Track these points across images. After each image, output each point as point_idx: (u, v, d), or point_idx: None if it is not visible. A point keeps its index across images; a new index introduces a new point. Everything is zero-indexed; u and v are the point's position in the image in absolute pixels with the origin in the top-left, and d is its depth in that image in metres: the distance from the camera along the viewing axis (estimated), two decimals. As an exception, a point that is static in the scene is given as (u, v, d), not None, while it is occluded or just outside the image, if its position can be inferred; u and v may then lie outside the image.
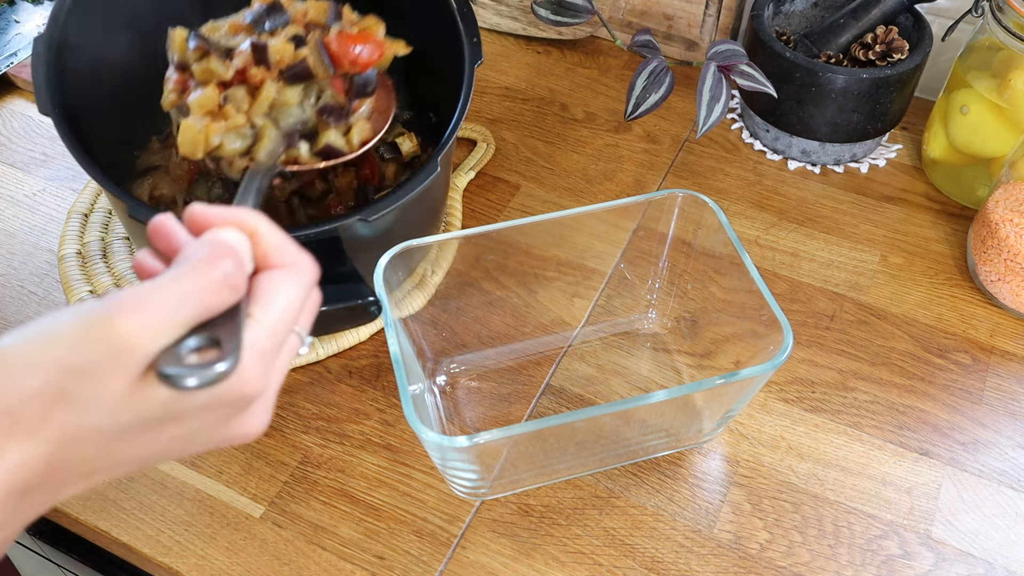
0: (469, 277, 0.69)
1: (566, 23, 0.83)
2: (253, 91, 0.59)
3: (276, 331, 0.38)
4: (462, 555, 0.62)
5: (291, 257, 0.40)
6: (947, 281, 0.79)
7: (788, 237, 0.82)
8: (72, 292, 0.75)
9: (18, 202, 0.84)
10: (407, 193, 0.63)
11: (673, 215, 0.69)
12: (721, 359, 0.68)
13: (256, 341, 0.37)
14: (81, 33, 0.68)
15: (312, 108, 0.60)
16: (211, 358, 0.35)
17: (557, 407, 0.69)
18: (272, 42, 0.58)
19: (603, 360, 0.72)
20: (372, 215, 0.61)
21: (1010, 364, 0.73)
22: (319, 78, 0.60)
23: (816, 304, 0.77)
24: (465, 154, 0.89)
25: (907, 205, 0.86)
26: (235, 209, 0.40)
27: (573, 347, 0.73)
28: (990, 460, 0.67)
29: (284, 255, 0.40)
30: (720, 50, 0.77)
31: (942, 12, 0.90)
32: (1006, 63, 0.78)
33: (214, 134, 0.58)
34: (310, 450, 0.67)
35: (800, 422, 0.69)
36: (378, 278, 0.61)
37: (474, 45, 0.70)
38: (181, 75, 0.60)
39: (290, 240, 0.41)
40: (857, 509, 0.64)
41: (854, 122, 0.84)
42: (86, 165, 0.62)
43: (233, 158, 0.58)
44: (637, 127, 0.93)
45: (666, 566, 0.61)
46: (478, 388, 0.70)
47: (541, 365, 0.72)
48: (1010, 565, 0.62)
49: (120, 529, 0.63)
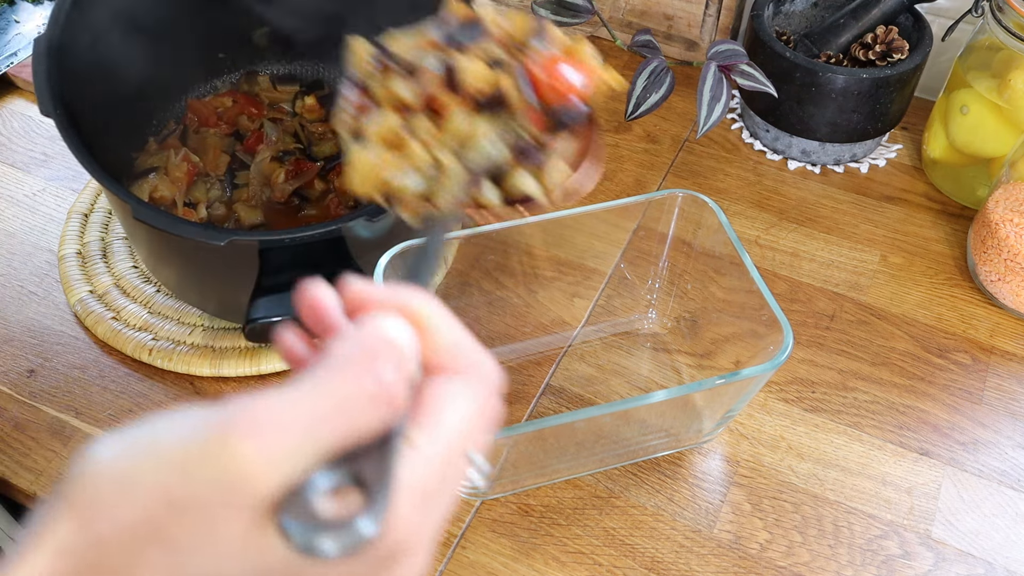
0: (469, 277, 0.69)
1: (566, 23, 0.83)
2: (437, 120, 0.47)
3: (444, 463, 0.29)
4: (462, 555, 0.62)
5: (468, 360, 0.30)
6: (947, 281, 0.79)
7: (788, 237, 0.82)
8: (72, 292, 0.75)
9: (18, 202, 0.84)
10: None
11: (673, 215, 0.69)
12: (721, 359, 0.68)
13: (417, 480, 0.28)
14: (80, 33, 0.68)
15: (505, 145, 0.47)
16: (353, 509, 0.26)
17: (557, 407, 0.69)
18: (466, 62, 0.47)
19: (603, 360, 0.72)
20: (376, 215, 0.61)
21: (1010, 364, 0.73)
22: (515, 108, 0.47)
23: (816, 304, 0.77)
24: (465, 154, 0.89)
25: (907, 205, 0.86)
26: (403, 291, 0.30)
27: (573, 347, 0.73)
28: (990, 460, 0.67)
29: (460, 357, 0.30)
30: (720, 50, 0.77)
31: (942, 12, 0.90)
32: (1006, 63, 0.78)
33: (391, 169, 0.47)
34: (310, 450, 0.67)
35: (800, 422, 0.69)
36: (378, 278, 0.61)
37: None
38: (361, 95, 0.49)
39: (468, 336, 0.31)
40: (857, 509, 0.64)
41: (854, 122, 0.84)
42: (90, 167, 0.62)
43: (410, 198, 0.47)
44: (637, 127, 0.93)
45: (666, 566, 0.61)
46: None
47: (541, 365, 0.72)
48: (1010, 565, 0.62)
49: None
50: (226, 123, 0.83)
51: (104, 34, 0.71)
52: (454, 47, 0.47)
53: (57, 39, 0.66)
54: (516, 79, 0.47)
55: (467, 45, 0.47)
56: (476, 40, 0.47)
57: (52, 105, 0.64)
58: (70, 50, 0.67)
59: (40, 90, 0.64)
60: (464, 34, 0.47)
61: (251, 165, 0.79)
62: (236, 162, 0.81)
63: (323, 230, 0.60)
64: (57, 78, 0.65)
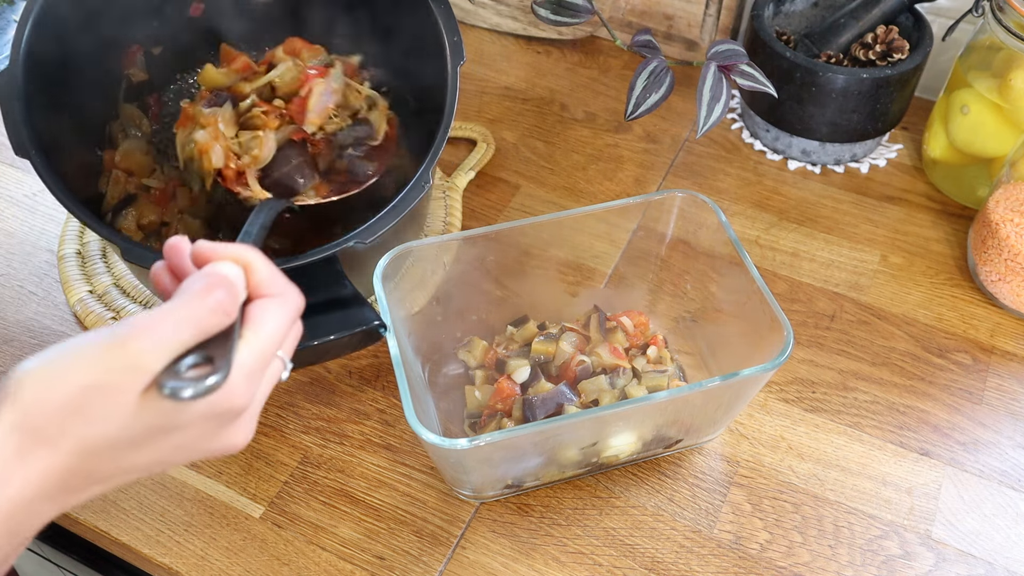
0: (469, 277, 0.69)
1: (566, 23, 0.83)
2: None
3: (263, 352, 0.43)
4: (462, 555, 0.62)
5: (279, 288, 0.45)
6: (947, 281, 0.79)
7: (788, 237, 0.82)
8: (72, 292, 0.75)
9: (18, 202, 0.84)
10: (401, 211, 0.63)
11: (673, 215, 0.69)
12: (721, 359, 0.68)
13: (245, 360, 0.42)
14: (47, 59, 0.67)
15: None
16: (205, 372, 0.39)
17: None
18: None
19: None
20: (368, 237, 0.62)
21: (1010, 364, 0.73)
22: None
23: (816, 304, 0.77)
24: (465, 154, 0.89)
25: (907, 205, 0.86)
26: (233, 245, 0.45)
27: (573, 347, 0.73)
28: (990, 460, 0.67)
29: (274, 286, 0.45)
30: (720, 50, 0.77)
31: (942, 12, 0.90)
32: (1006, 63, 0.78)
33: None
34: (310, 450, 0.67)
35: (800, 422, 0.69)
36: (377, 279, 0.61)
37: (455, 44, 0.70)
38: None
39: (279, 273, 0.46)
40: (857, 509, 0.64)
41: (854, 122, 0.84)
42: (77, 211, 0.62)
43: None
44: (637, 127, 0.93)
45: (666, 566, 0.61)
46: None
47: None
48: (1010, 565, 0.62)
49: (120, 529, 0.63)
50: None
51: (66, 59, 0.69)
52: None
53: (22, 71, 0.64)
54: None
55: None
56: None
57: (30, 143, 0.62)
58: (36, 80, 0.65)
59: (15, 129, 0.63)
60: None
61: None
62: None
63: (321, 257, 0.61)
64: (28, 113, 0.63)
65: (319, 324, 0.56)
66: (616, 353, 0.65)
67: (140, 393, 0.39)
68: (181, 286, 0.42)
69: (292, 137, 0.71)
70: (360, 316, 0.57)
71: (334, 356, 0.63)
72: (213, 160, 0.68)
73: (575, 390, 0.63)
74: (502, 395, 0.64)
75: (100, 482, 0.41)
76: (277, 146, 0.70)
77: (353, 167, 0.71)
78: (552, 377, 0.66)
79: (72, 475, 0.40)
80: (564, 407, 0.61)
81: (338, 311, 0.58)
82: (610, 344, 0.65)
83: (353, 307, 0.58)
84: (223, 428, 0.43)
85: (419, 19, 0.71)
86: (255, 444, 0.67)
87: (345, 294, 0.59)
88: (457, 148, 0.90)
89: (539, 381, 0.64)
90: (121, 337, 0.38)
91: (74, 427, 0.38)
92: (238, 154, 0.70)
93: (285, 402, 0.70)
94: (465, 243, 0.66)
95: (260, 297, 0.44)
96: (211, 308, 0.41)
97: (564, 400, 0.62)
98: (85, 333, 0.40)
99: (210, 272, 0.43)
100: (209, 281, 0.42)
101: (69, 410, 0.38)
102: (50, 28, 0.67)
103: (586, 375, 0.64)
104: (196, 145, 0.69)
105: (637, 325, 0.68)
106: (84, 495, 0.41)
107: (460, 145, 0.90)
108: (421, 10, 0.71)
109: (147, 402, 0.39)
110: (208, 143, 0.69)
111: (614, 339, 0.66)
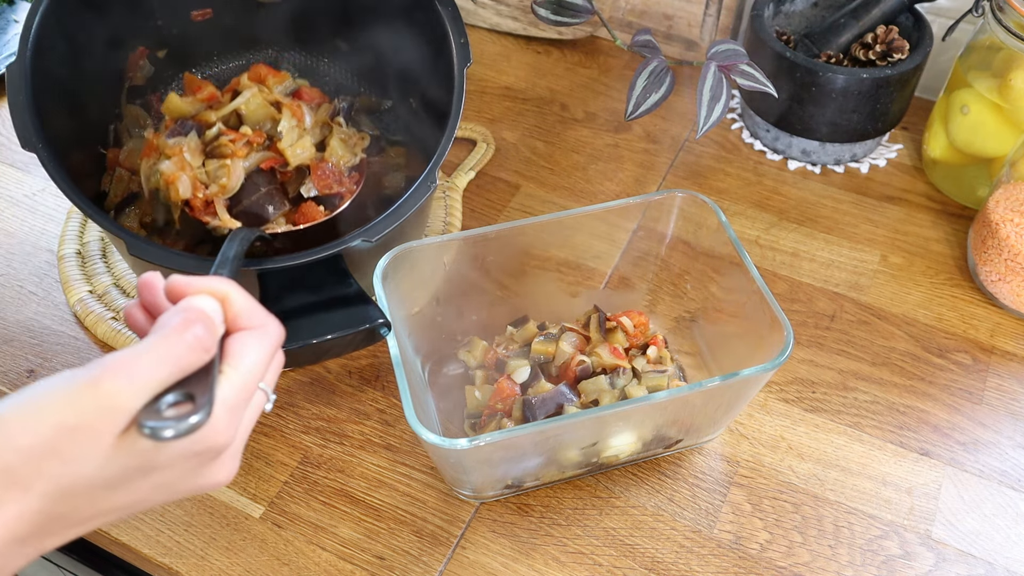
0: (469, 277, 0.69)
1: (566, 23, 0.83)
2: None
3: (245, 387, 0.42)
4: (462, 555, 0.62)
5: (259, 320, 0.44)
6: (947, 281, 0.79)
7: (788, 237, 0.82)
8: (72, 292, 0.75)
9: (18, 202, 0.84)
10: (407, 211, 0.63)
11: (673, 215, 0.69)
12: (721, 359, 0.68)
13: (226, 396, 0.41)
14: (53, 55, 0.67)
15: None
16: (185, 411, 0.38)
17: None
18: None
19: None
20: (374, 236, 0.62)
21: (1010, 364, 0.73)
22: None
23: (816, 304, 0.77)
24: (465, 154, 0.89)
25: (907, 205, 0.86)
26: (209, 278, 0.44)
27: (573, 347, 0.73)
28: (990, 460, 0.67)
29: (253, 318, 0.44)
30: (720, 50, 0.77)
31: (942, 12, 0.90)
32: (1006, 63, 0.78)
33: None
34: (310, 450, 0.67)
35: (800, 422, 0.69)
36: (377, 278, 0.61)
37: (462, 46, 0.70)
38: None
39: (257, 304, 0.45)
40: (857, 509, 0.64)
41: (854, 122, 0.84)
42: (84, 205, 0.61)
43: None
44: (637, 127, 0.93)
45: (666, 566, 0.61)
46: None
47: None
48: (1011, 565, 0.62)
49: (120, 529, 0.63)
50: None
51: (72, 54, 0.70)
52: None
53: (30, 64, 0.64)
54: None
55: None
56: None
57: (36, 137, 0.62)
58: (43, 74, 0.65)
59: (22, 123, 0.62)
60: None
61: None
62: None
63: (326, 255, 0.61)
64: (36, 107, 0.63)
65: (323, 321, 0.56)
66: (616, 353, 0.65)
67: (117, 434, 0.38)
68: (157, 322, 0.41)
69: (260, 166, 0.71)
70: (364, 314, 0.57)
71: (336, 354, 0.63)
72: (180, 191, 0.68)
73: (575, 390, 0.63)
74: (502, 395, 0.64)
75: (77, 525, 0.40)
76: (245, 174, 0.70)
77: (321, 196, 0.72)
78: (552, 377, 0.66)
79: (47, 519, 0.38)
80: (564, 407, 0.61)
81: (342, 309, 0.58)
82: (610, 344, 0.65)
83: (357, 305, 0.58)
84: (205, 466, 0.42)
85: (426, 21, 0.72)
86: (255, 444, 0.67)
87: (349, 292, 0.59)
88: (457, 148, 0.90)
89: (539, 381, 0.64)
90: (95, 377, 0.37)
91: (49, 468, 0.37)
92: (205, 183, 0.69)
93: (285, 402, 0.70)
94: (465, 243, 0.67)
95: (239, 330, 0.43)
96: (189, 345, 0.40)
97: (564, 400, 0.62)
98: (60, 372, 0.39)
99: (186, 307, 0.42)
100: (186, 316, 0.40)
101: (43, 451, 0.37)
102: (58, 23, 0.67)
103: (586, 375, 0.64)
104: (162, 176, 0.69)
105: (637, 325, 0.68)
106: (60, 538, 0.40)
107: (460, 145, 0.90)
108: (428, 12, 0.71)
109: (125, 442, 0.38)
110: (175, 173, 0.68)
111: (614, 339, 0.66)
